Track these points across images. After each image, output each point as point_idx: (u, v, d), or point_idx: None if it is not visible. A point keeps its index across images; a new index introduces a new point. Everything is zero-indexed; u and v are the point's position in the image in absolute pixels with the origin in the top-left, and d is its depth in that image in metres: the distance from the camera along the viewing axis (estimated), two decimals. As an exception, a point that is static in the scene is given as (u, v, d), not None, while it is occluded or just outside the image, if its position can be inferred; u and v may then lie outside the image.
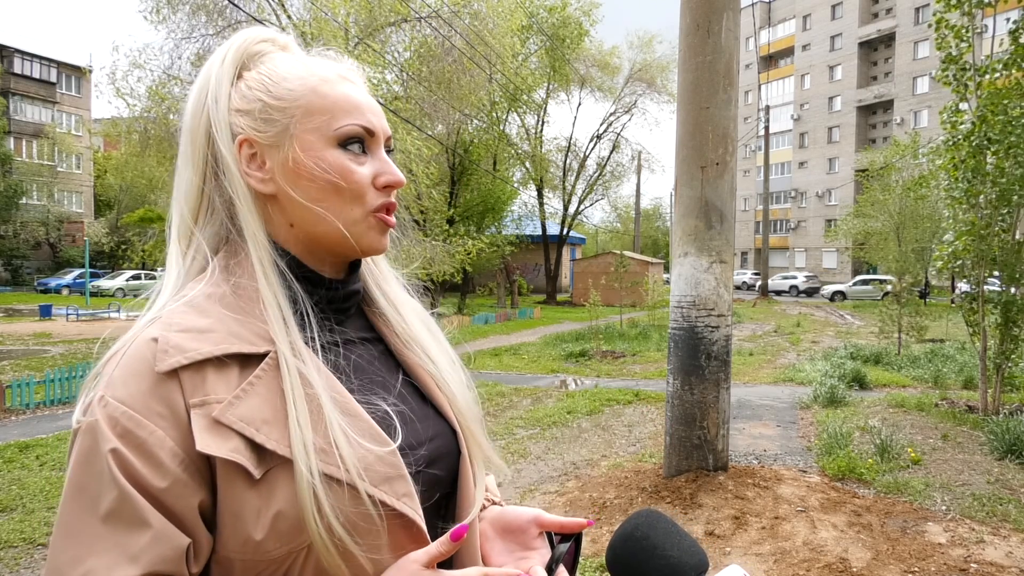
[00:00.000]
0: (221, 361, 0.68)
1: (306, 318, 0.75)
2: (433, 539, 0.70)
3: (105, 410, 0.65)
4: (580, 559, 0.84)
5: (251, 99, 0.76)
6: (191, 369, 0.66)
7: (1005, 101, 6.27)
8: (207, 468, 0.65)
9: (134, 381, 0.66)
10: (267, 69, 0.78)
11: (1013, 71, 6.39)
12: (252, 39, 0.81)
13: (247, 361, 0.70)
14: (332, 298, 0.80)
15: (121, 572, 0.60)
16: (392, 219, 0.80)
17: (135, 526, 0.61)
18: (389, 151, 0.82)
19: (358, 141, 0.77)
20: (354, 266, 0.84)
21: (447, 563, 0.75)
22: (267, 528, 0.65)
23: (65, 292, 29.24)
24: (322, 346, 0.75)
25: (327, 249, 0.78)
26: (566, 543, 0.84)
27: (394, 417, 0.75)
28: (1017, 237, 6.69)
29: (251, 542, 0.65)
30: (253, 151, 0.76)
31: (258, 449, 0.66)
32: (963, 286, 7.31)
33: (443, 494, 0.82)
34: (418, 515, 0.71)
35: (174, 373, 0.66)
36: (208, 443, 0.64)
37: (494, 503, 0.93)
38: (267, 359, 0.70)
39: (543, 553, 0.85)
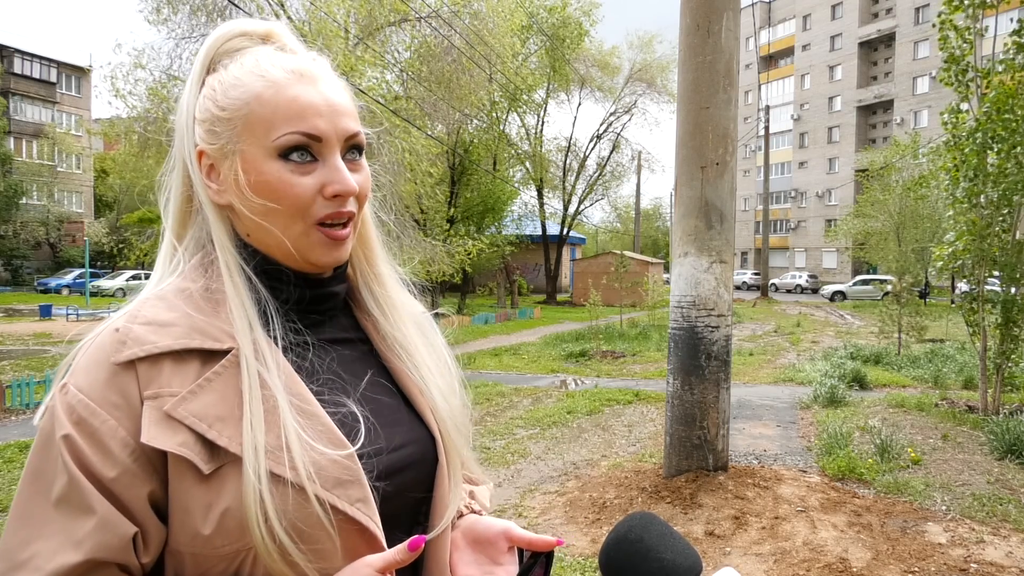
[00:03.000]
0: (180, 355, 0.68)
1: (270, 318, 0.73)
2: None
3: (64, 397, 0.66)
4: None
5: (203, 108, 0.75)
6: (148, 361, 0.67)
7: (1012, 100, 6.26)
8: (160, 460, 0.65)
9: (94, 370, 0.67)
10: (225, 74, 0.75)
11: (1016, 72, 6.39)
12: (224, 35, 0.78)
13: (208, 358, 0.69)
14: (301, 298, 0.77)
15: (64, 557, 0.60)
16: (341, 232, 0.74)
17: (81, 512, 0.62)
18: (359, 149, 0.77)
19: (303, 148, 0.72)
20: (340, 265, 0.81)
21: (414, 571, 0.74)
22: (215, 524, 0.64)
23: (65, 292, 29.23)
24: (286, 347, 0.73)
25: (280, 261, 0.76)
26: (535, 561, 0.80)
27: (360, 421, 0.73)
28: (1017, 237, 6.69)
29: (200, 537, 0.65)
30: (210, 162, 0.75)
31: (209, 445, 0.65)
32: (963, 286, 7.31)
33: (421, 502, 0.80)
34: (373, 522, 0.69)
35: (131, 364, 0.66)
36: (155, 436, 0.64)
37: (473, 511, 0.90)
38: (228, 356, 0.69)
39: (509, 569, 0.82)
